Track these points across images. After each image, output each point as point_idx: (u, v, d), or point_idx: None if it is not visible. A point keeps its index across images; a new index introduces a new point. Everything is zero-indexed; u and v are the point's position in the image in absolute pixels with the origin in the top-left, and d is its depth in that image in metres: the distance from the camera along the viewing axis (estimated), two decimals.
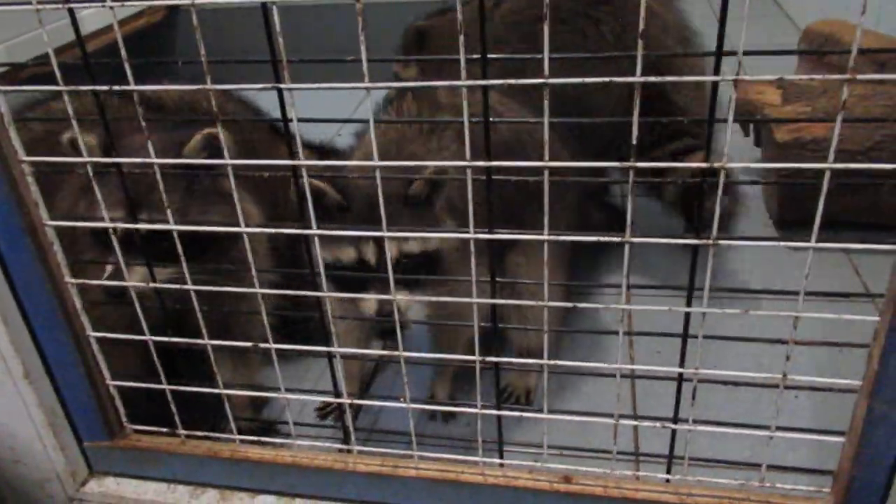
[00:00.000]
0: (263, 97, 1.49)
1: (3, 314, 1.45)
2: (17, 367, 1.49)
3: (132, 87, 1.16)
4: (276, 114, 1.19)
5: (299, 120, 1.16)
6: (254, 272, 1.30)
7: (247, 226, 1.26)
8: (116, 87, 1.16)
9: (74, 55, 1.21)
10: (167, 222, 1.29)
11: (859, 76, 0.95)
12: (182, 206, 1.54)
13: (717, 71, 1.01)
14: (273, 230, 1.38)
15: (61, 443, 1.61)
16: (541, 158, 1.09)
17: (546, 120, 1.07)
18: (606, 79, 1.08)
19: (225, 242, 1.59)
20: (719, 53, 1.01)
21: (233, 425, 1.55)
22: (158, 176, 1.24)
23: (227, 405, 1.52)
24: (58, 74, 1.19)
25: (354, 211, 1.57)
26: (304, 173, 1.20)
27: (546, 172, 1.10)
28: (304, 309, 1.46)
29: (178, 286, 1.37)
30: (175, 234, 1.29)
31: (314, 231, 1.24)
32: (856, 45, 0.94)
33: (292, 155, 1.19)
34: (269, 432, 1.92)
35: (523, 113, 2.04)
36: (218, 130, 1.21)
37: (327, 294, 1.33)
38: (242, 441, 1.59)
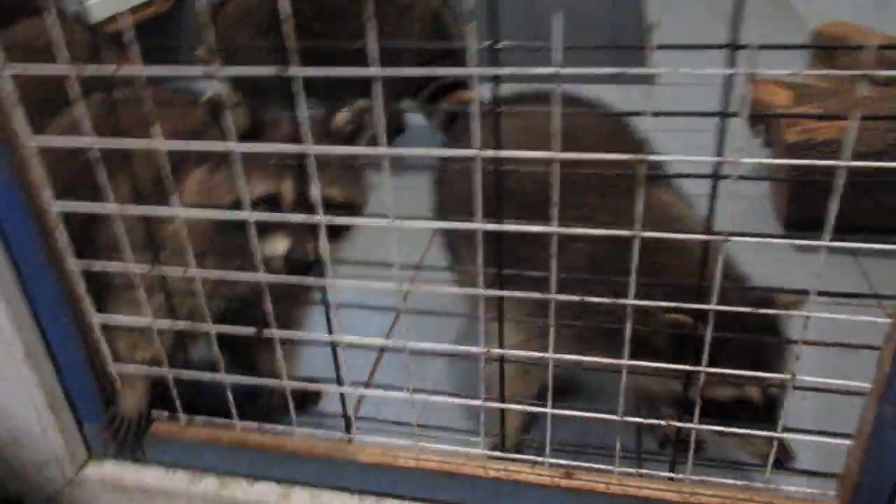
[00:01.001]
0: None
1: (6, 295, 1.44)
2: (19, 348, 1.48)
3: (139, 70, 1.15)
4: None
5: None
6: None
7: None
8: (123, 69, 1.15)
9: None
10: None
11: (874, 72, 0.94)
12: (338, 177, 1.49)
13: (730, 66, 1.00)
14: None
15: (61, 425, 1.61)
16: None
17: (556, 110, 1.05)
18: (617, 70, 1.07)
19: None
20: (733, 46, 0.99)
21: (233, 410, 1.54)
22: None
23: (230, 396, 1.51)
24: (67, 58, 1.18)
25: None
26: (314, 164, 1.20)
27: (556, 164, 1.09)
28: None
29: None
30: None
31: (323, 219, 1.23)
32: (872, 41, 0.93)
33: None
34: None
35: None
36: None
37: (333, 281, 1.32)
38: (243, 428, 1.58)
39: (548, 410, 1.35)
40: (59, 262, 1.43)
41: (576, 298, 1.20)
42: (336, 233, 1.41)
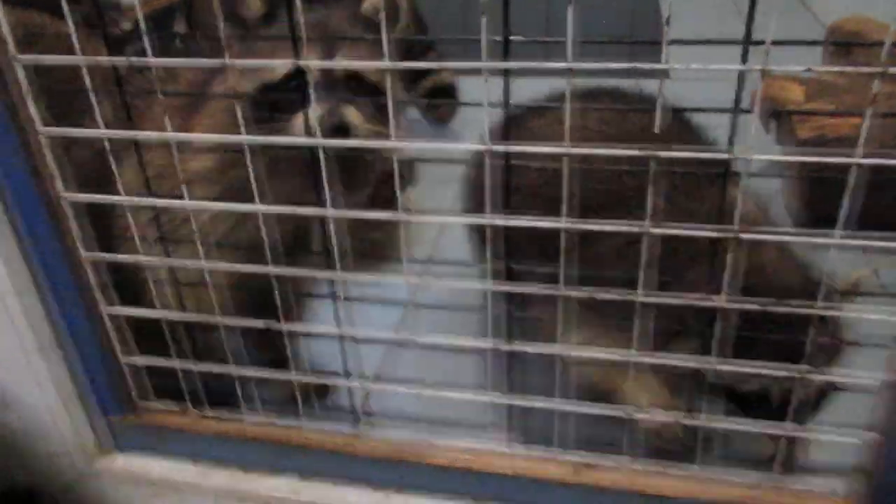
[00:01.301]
0: None
1: (18, 287, 1.45)
2: (31, 341, 1.49)
3: (151, 60, 1.15)
4: None
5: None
6: None
7: None
8: (135, 59, 1.15)
9: None
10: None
11: (887, 69, 0.93)
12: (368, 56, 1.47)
13: (743, 60, 0.99)
14: None
15: (73, 417, 1.62)
16: None
17: (567, 105, 1.05)
18: (630, 65, 1.06)
19: None
20: (747, 42, 0.99)
21: (241, 402, 1.55)
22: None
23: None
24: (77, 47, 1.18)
25: None
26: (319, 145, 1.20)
27: (566, 158, 1.09)
28: None
29: None
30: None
31: (331, 213, 1.23)
32: (889, 38, 0.92)
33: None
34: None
35: None
36: None
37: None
38: (256, 422, 1.59)
39: (556, 406, 1.35)
40: (72, 254, 1.44)
41: (584, 294, 1.19)
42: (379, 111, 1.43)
